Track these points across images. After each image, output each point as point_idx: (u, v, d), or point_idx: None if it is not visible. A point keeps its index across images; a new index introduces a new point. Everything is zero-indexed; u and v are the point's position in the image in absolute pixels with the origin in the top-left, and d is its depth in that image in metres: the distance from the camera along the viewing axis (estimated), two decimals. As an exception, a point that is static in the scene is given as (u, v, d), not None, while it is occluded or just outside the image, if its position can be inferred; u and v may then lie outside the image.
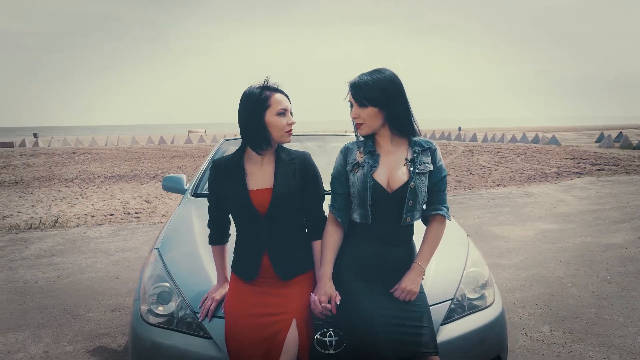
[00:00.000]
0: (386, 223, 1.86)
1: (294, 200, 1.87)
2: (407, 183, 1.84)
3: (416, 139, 1.93)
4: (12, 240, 6.17)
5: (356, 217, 1.89)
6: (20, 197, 11.34)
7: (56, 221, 7.49)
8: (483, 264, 2.34)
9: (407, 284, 1.84)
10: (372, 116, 1.84)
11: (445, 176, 1.93)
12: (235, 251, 1.94)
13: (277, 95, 1.85)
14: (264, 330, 1.78)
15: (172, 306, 2.07)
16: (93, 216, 8.48)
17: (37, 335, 3.33)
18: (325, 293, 1.82)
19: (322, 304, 1.80)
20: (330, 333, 1.86)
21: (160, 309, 2.08)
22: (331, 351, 1.85)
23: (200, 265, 2.19)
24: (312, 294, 1.83)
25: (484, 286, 2.22)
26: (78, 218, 8.27)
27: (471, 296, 2.17)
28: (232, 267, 1.94)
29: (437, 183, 1.91)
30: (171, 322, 2.03)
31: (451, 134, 33.62)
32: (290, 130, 1.87)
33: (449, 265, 2.26)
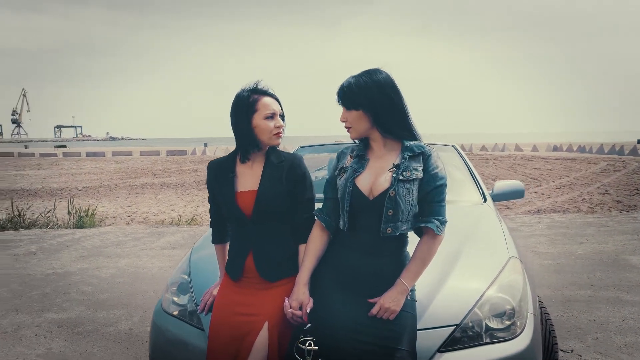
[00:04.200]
0: (366, 232, 1.73)
1: (279, 203, 1.85)
2: (387, 190, 1.69)
3: (409, 143, 1.76)
4: (151, 232, 7.16)
5: (340, 223, 1.80)
6: (179, 197, 13.09)
7: (192, 219, 8.46)
8: (516, 291, 1.99)
9: (386, 301, 1.68)
10: (357, 119, 1.76)
11: (440, 185, 1.72)
12: (229, 250, 2.00)
13: (266, 99, 1.86)
14: (238, 330, 1.79)
15: (186, 298, 2.21)
16: (226, 217, 9.39)
17: (130, 314, 3.82)
18: (297, 299, 1.76)
19: (291, 310, 1.75)
20: (310, 342, 1.79)
21: (176, 299, 2.24)
22: (309, 360, 1.78)
23: (215, 264, 2.30)
24: (286, 299, 1.79)
25: (510, 316, 1.90)
26: (213, 218, 9.23)
27: (493, 325, 1.88)
28: (225, 265, 2.00)
29: (430, 192, 1.72)
30: (185, 313, 2.17)
31: (624, 148, 29.03)
32: (279, 133, 1.87)
33: (467, 286, 1.99)
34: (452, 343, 1.81)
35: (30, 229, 7.63)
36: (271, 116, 1.86)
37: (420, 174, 1.71)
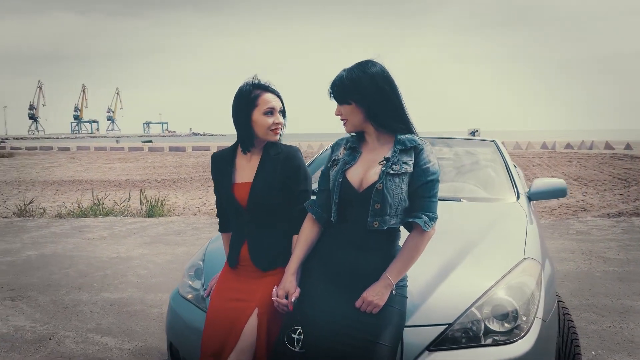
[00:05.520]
0: (354, 225, 1.72)
1: (273, 195, 1.89)
2: (375, 183, 1.66)
3: (402, 136, 1.72)
4: (211, 223, 7.49)
5: (331, 215, 1.80)
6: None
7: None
8: (523, 294, 1.87)
9: (370, 295, 1.65)
10: (350, 113, 1.75)
11: (431, 180, 1.67)
12: (230, 239, 2.06)
13: (267, 95, 1.90)
14: (231, 315, 1.86)
15: (200, 283, 2.32)
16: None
17: (174, 298, 4.06)
18: (284, 288, 1.78)
19: (277, 298, 1.78)
20: (300, 331, 1.82)
21: (191, 283, 2.36)
22: (297, 349, 1.80)
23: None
24: (275, 287, 1.82)
25: (513, 319, 1.80)
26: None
27: (494, 327, 1.79)
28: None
29: (420, 187, 1.67)
30: (198, 298, 2.28)
31: None
32: (277, 129, 1.91)
33: (469, 284, 1.90)
34: (445, 342, 1.75)
35: (107, 217, 8.31)
36: (271, 112, 1.90)
37: (410, 168, 1.67)
